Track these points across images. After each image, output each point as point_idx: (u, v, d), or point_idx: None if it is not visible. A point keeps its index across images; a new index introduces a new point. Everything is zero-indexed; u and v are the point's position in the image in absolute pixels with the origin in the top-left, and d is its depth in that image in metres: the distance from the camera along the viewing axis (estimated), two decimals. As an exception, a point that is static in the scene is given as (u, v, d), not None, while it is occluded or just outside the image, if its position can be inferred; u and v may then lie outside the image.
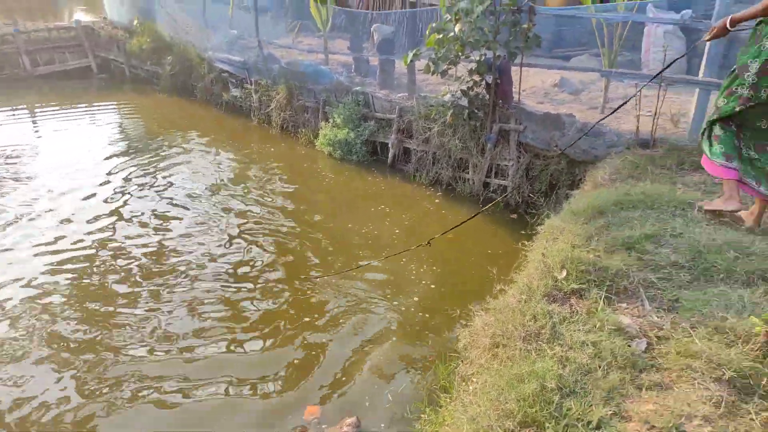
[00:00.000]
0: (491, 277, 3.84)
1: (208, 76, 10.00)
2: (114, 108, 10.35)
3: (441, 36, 5.45)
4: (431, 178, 6.64)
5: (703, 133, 3.50)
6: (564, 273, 2.99)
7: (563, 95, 7.12)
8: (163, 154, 7.85)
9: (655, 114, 4.90)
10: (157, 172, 7.16)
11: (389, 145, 7.13)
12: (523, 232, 5.07)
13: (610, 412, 2.07)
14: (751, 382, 2.25)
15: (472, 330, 2.95)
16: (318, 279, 4.72)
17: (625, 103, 3.94)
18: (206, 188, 6.69)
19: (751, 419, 2.07)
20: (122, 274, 4.82)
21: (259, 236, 5.53)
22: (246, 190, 6.66)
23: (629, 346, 2.49)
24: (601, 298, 2.78)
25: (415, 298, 4.50)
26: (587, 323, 2.63)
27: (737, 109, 3.22)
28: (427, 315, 4.27)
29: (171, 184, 6.81)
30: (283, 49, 9.65)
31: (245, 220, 5.85)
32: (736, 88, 3.22)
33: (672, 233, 3.33)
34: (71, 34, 12.18)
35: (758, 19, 3.18)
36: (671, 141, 4.96)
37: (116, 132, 9.01)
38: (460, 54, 5.50)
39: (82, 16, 15.14)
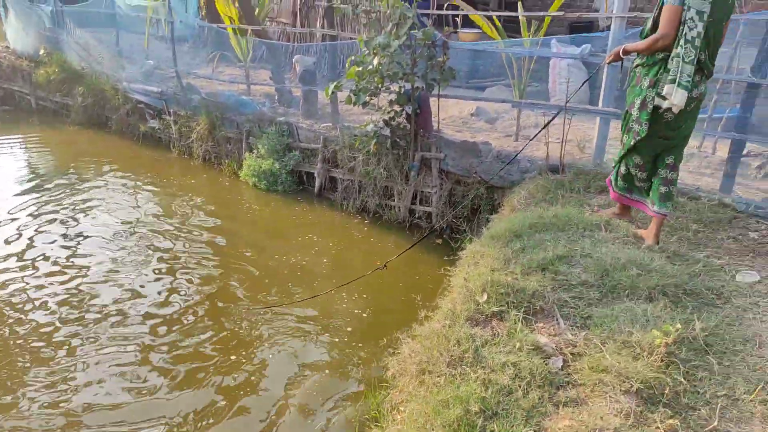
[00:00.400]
0: (418, 303, 3.91)
1: (124, 107, 9.64)
2: (20, 141, 9.70)
3: (361, 69, 5.59)
4: (358, 206, 6.72)
5: (615, 167, 3.92)
6: (485, 296, 3.11)
7: (480, 123, 7.46)
8: (75, 188, 7.42)
9: (563, 141, 5.24)
10: (68, 208, 6.74)
11: (315, 175, 7.15)
12: (446, 258, 5.22)
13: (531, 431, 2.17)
14: (656, 392, 2.44)
15: (400, 358, 3.00)
16: (256, 308, 4.62)
17: (539, 133, 4.21)
18: (123, 224, 6.37)
19: (657, 428, 2.24)
20: (30, 324, 4.47)
21: (183, 273, 5.33)
22: (167, 225, 6.41)
23: (546, 364, 2.62)
24: (519, 320, 2.91)
25: (348, 329, 4.49)
26: (507, 344, 2.74)
27: (632, 143, 3.59)
28: (359, 344, 4.27)
29: (83, 220, 6.42)
30: (203, 80, 9.49)
31: (167, 256, 5.63)
32: (631, 125, 3.60)
33: (582, 253, 3.56)
34: (-32, 64, 11.39)
35: (636, 63, 3.60)
36: (578, 166, 5.32)
37: (23, 166, 8.43)
38: (380, 86, 5.66)
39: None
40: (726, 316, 3.09)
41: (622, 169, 3.87)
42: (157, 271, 5.33)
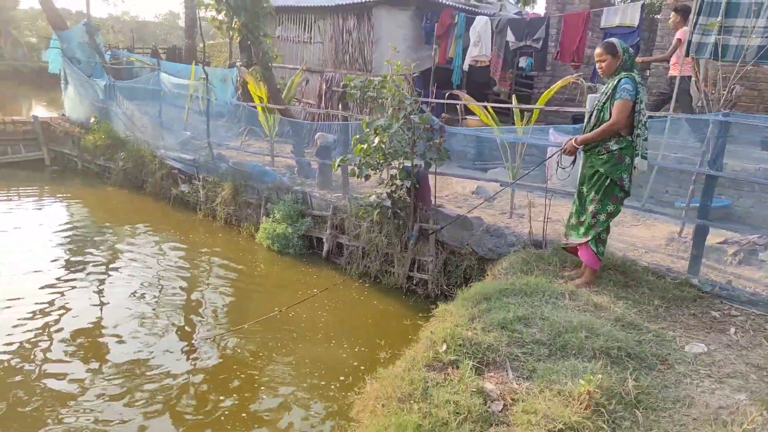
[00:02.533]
0: (382, 356, 4.30)
1: (159, 171, 10.56)
2: (65, 197, 10.69)
3: (365, 146, 6.28)
4: (361, 271, 7.19)
5: (593, 244, 4.56)
6: (444, 347, 3.51)
7: (479, 201, 7.99)
8: (108, 242, 8.17)
9: (545, 219, 5.72)
10: (99, 259, 7.43)
11: (324, 240, 7.72)
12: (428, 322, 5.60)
13: (455, 454, 2.52)
14: (577, 433, 2.77)
15: (363, 397, 3.38)
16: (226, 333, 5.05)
17: (481, 204, 4.71)
18: (144, 281, 6.95)
19: (570, 461, 2.56)
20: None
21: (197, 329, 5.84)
22: (187, 279, 7.02)
23: (486, 405, 2.98)
24: (470, 367, 3.29)
25: (341, 377, 4.89)
26: (455, 387, 3.11)
27: (621, 205, 4.54)
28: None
29: (111, 272, 7.08)
30: (232, 151, 10.42)
31: (189, 313, 6.18)
32: (618, 194, 4.42)
33: (540, 316, 3.94)
34: (27, 128, 12.67)
35: (614, 149, 4.26)
36: (559, 242, 5.74)
37: (65, 220, 9.30)
38: (381, 162, 6.31)
39: (41, 112, 15.73)
40: (664, 379, 3.41)
41: (604, 236, 4.54)
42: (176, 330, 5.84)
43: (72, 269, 7.10)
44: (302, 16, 12.74)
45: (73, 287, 6.60)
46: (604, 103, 4.24)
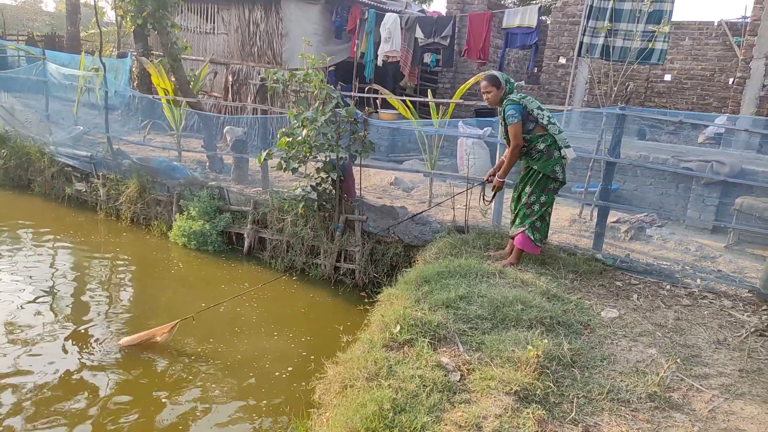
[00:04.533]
0: (343, 340, 4.40)
1: (49, 169, 9.67)
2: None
3: (290, 139, 6.27)
4: (286, 265, 7.16)
5: (530, 232, 4.94)
6: (398, 328, 3.68)
7: (398, 192, 8.29)
8: None
9: (467, 207, 6.10)
10: None
11: (245, 235, 7.58)
12: (369, 307, 5.75)
13: (431, 421, 2.71)
14: (530, 393, 3.08)
15: (325, 380, 3.46)
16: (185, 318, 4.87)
17: (447, 200, 5.00)
18: (37, 288, 6.33)
19: (528, 417, 2.85)
20: None
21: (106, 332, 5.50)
22: (90, 285, 6.55)
23: (446, 377, 3.20)
24: (425, 345, 3.50)
25: (289, 368, 4.92)
26: (415, 363, 3.30)
27: (555, 195, 5.01)
28: (289, 376, 4.65)
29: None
30: (133, 146, 9.81)
31: (88, 319, 5.78)
32: (550, 185, 4.88)
33: (479, 294, 4.25)
34: None
35: (540, 148, 4.78)
36: (480, 227, 6.16)
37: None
38: (308, 155, 6.34)
39: None
40: (590, 341, 3.86)
41: (538, 224, 4.94)
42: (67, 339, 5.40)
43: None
44: (204, 5, 12.24)
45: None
46: (504, 127, 4.84)
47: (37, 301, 5.96)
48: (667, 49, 7.63)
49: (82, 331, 5.41)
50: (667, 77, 13.01)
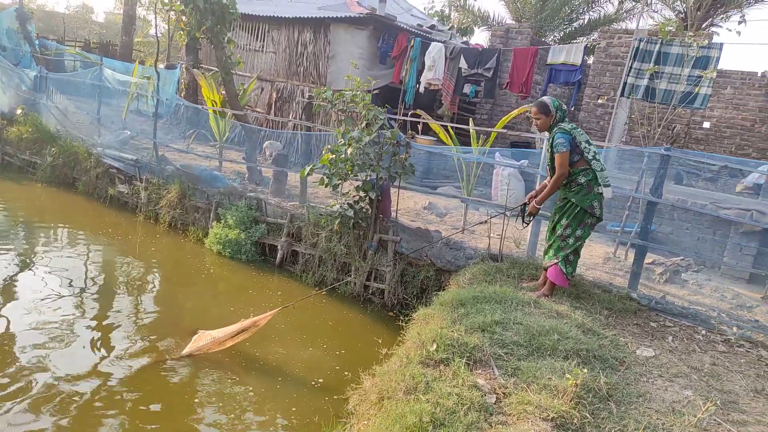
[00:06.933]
0: (381, 353, 4.45)
1: (95, 170, 10.04)
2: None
3: (334, 156, 6.43)
4: (317, 279, 7.26)
5: (563, 266, 4.96)
6: (434, 346, 3.73)
7: (431, 216, 8.37)
8: (28, 244, 7.63)
9: (502, 236, 6.14)
10: (10, 260, 6.89)
11: (278, 247, 7.72)
12: (397, 327, 5.80)
13: (470, 438, 2.73)
14: (567, 422, 3.08)
15: (361, 391, 3.50)
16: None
17: (483, 222, 5.07)
18: (72, 284, 6.49)
19: (566, 444, 2.85)
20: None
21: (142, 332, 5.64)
22: (121, 283, 6.74)
23: (483, 397, 3.22)
24: (462, 365, 3.53)
25: (320, 380, 4.99)
26: (452, 382, 3.33)
27: (591, 230, 5.01)
28: (321, 387, 4.70)
29: (22, 276, 6.52)
30: (176, 153, 10.13)
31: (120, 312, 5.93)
32: (587, 220, 4.92)
33: (514, 321, 4.27)
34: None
35: (582, 181, 4.81)
36: (514, 257, 6.18)
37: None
38: (349, 173, 6.49)
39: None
40: (625, 378, 3.83)
41: (571, 257, 4.95)
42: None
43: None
44: (255, 24, 12.71)
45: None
46: (550, 155, 4.87)
47: (65, 295, 6.14)
48: (711, 95, 7.65)
49: (106, 327, 5.57)
50: (706, 124, 12.94)
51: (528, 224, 5.36)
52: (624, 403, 3.48)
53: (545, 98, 4.90)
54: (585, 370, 3.49)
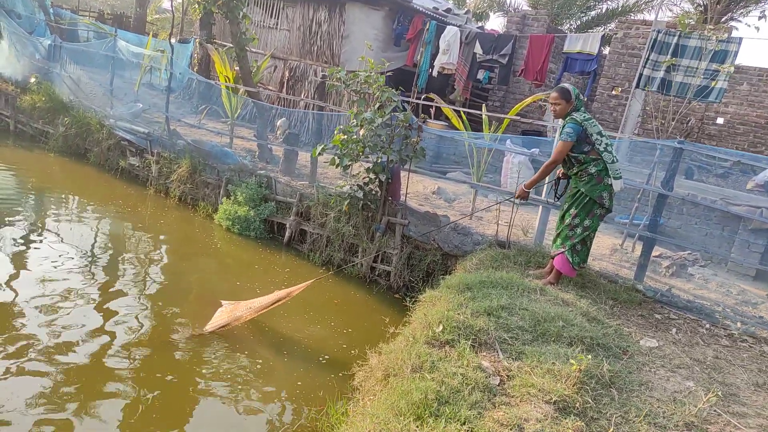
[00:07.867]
0: (388, 332, 4.51)
1: (107, 141, 10.09)
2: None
3: (346, 137, 6.44)
4: (324, 259, 7.32)
5: (570, 256, 4.96)
6: (440, 327, 3.77)
7: (440, 201, 8.39)
8: (39, 212, 7.72)
9: (510, 223, 6.15)
10: (26, 232, 6.97)
11: (287, 226, 7.77)
12: (403, 309, 5.86)
13: (473, 416, 2.79)
14: (569, 405, 3.13)
15: (366, 368, 3.57)
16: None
17: (490, 207, 5.09)
18: (82, 253, 6.57)
19: (567, 427, 2.90)
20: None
21: (142, 304, 5.72)
22: (129, 254, 6.83)
23: (487, 379, 3.28)
24: (467, 347, 3.58)
25: (326, 356, 5.08)
26: (457, 362, 3.39)
27: (599, 220, 4.96)
28: (326, 363, 4.79)
29: (31, 245, 6.58)
30: (188, 128, 10.15)
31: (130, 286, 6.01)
32: (596, 210, 4.88)
33: (520, 307, 4.31)
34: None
35: (592, 171, 4.77)
36: (521, 245, 6.20)
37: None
38: (360, 154, 6.50)
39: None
40: (628, 366, 3.88)
41: (579, 247, 4.94)
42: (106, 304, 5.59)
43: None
44: (269, 1, 12.63)
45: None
46: None
47: (74, 264, 6.20)
48: (726, 89, 7.59)
49: (113, 294, 5.66)
50: (720, 120, 12.83)
51: (516, 204, 5.29)
52: (626, 390, 3.53)
53: (566, 84, 4.80)
54: (589, 357, 3.54)
